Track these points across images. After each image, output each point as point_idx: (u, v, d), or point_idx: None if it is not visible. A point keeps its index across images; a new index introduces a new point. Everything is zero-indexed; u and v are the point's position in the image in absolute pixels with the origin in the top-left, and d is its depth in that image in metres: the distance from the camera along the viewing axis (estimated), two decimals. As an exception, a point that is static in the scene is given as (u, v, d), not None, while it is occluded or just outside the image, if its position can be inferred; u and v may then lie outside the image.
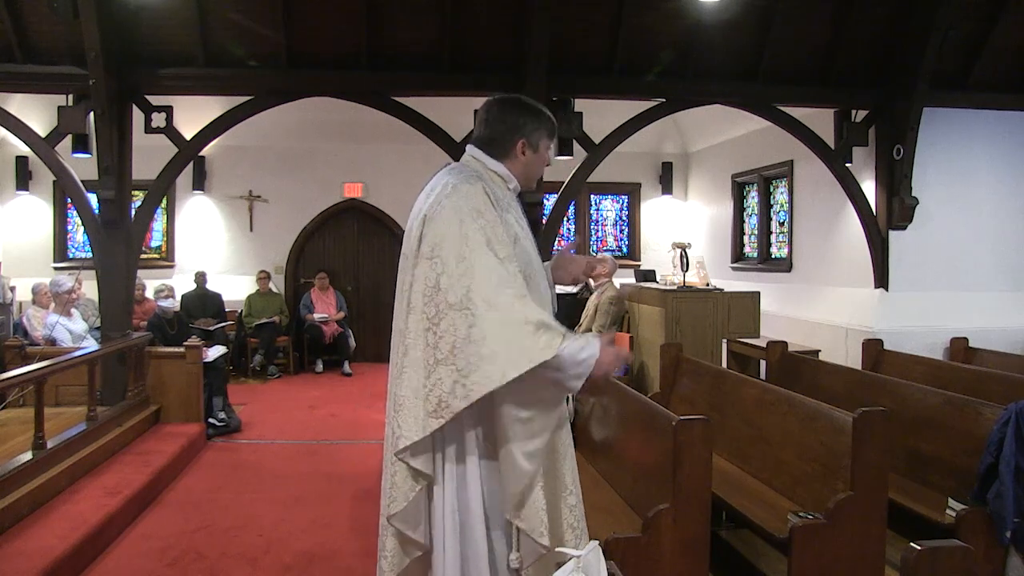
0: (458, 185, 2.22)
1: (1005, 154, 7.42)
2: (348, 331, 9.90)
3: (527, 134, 2.38)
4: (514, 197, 2.42)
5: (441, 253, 2.14)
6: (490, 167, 2.37)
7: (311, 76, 6.69)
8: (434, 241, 2.16)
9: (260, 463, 5.84)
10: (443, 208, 2.18)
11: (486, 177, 2.32)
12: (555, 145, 2.51)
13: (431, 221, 2.19)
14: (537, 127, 2.40)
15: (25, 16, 6.11)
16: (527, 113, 2.40)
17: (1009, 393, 4.23)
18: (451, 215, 2.16)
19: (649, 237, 11.28)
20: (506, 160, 2.39)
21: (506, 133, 2.38)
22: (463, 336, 2.07)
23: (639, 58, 6.83)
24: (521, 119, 2.38)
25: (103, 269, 6.50)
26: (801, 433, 3.58)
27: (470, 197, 2.18)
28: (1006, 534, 3.35)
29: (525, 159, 2.40)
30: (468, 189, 2.20)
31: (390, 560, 2.28)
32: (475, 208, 2.16)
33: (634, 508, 3.47)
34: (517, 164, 2.40)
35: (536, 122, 2.40)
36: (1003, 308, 7.30)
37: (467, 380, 2.07)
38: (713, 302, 6.07)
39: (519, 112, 2.39)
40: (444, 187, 2.24)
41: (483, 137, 2.41)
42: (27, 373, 4.48)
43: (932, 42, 6.52)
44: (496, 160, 2.38)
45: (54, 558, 3.55)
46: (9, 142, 9.19)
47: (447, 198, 2.19)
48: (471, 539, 2.22)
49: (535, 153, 2.41)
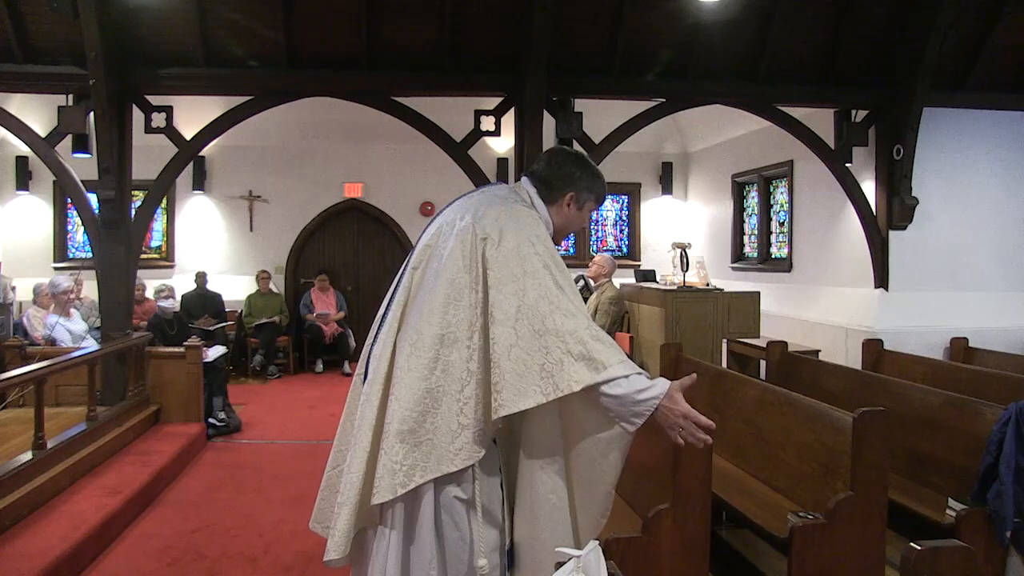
0: (516, 209, 2.26)
1: (1005, 154, 7.42)
2: (348, 331, 9.91)
3: (578, 190, 2.42)
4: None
5: (499, 270, 2.13)
6: (536, 206, 2.41)
7: (311, 76, 6.69)
8: (495, 258, 2.14)
9: (260, 463, 5.84)
10: (506, 229, 2.17)
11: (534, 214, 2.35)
12: (595, 208, 2.54)
13: (488, 240, 2.17)
14: (589, 187, 2.44)
15: (25, 16, 6.11)
16: (586, 171, 2.45)
17: (1009, 393, 4.23)
18: (511, 236, 2.16)
19: (649, 237, 11.28)
20: (551, 206, 2.43)
21: (560, 181, 2.42)
22: (502, 354, 2.06)
23: (639, 58, 6.83)
24: (578, 173, 2.43)
25: (103, 269, 6.50)
26: (801, 433, 3.58)
27: (533, 225, 2.23)
28: (1006, 534, 3.35)
29: (567, 212, 2.44)
30: (528, 216, 2.26)
31: (340, 535, 2.18)
32: (539, 236, 2.20)
33: (634, 508, 3.47)
34: (559, 214, 2.44)
35: (590, 182, 2.44)
36: (1003, 308, 7.30)
37: (498, 397, 2.07)
38: (713, 302, 6.07)
39: (579, 167, 2.44)
40: (497, 206, 2.25)
41: (540, 175, 2.45)
42: (27, 373, 4.48)
43: (932, 42, 6.52)
44: (543, 202, 2.42)
45: (54, 558, 3.55)
46: (9, 142, 9.20)
47: (508, 218, 2.20)
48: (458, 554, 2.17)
49: (578, 211, 2.45)
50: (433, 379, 2.13)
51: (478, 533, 2.17)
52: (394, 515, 2.16)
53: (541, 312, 2.07)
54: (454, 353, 2.14)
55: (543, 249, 2.17)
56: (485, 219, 2.22)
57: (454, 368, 2.14)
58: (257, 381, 9.25)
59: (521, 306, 2.08)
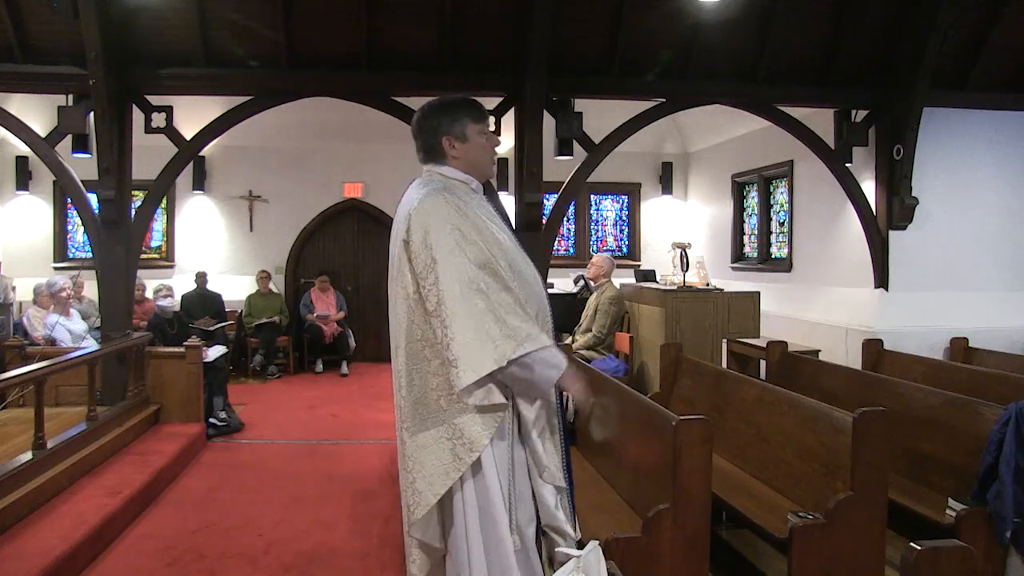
0: (422, 200, 2.31)
1: (1005, 154, 7.42)
2: (348, 331, 9.90)
3: (446, 130, 2.43)
4: (481, 197, 2.47)
5: (418, 266, 2.27)
6: (447, 175, 2.44)
7: (311, 76, 6.69)
8: (414, 255, 2.28)
9: (260, 463, 5.84)
10: (413, 225, 2.29)
11: (450, 186, 2.39)
12: (486, 124, 2.50)
13: (408, 243, 2.30)
14: (453, 119, 2.43)
15: (25, 16, 6.11)
16: (438, 111, 2.45)
17: (1009, 393, 4.23)
18: (418, 230, 2.27)
19: (649, 237, 11.28)
20: (446, 161, 2.45)
21: (431, 138, 2.46)
22: (441, 342, 2.20)
23: (639, 58, 6.83)
24: (434, 120, 2.45)
25: (103, 269, 6.50)
26: (801, 433, 3.59)
27: (436, 209, 2.28)
28: (1006, 534, 3.35)
29: (460, 151, 2.44)
30: (431, 203, 2.29)
31: (418, 564, 2.36)
32: (442, 218, 2.26)
33: (634, 508, 3.47)
34: (457, 161, 2.45)
35: (449, 115, 2.44)
36: (1003, 308, 7.29)
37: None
38: (713, 302, 6.08)
39: (431, 114, 2.46)
40: (411, 203, 2.34)
41: (422, 150, 2.50)
42: (27, 373, 4.48)
43: (932, 42, 6.52)
44: (439, 165, 2.46)
45: (54, 558, 3.55)
46: (9, 142, 9.19)
47: (415, 215, 2.30)
48: (494, 534, 2.24)
49: (465, 142, 2.44)
50: (415, 387, 2.29)
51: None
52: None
53: (455, 295, 2.18)
54: (421, 363, 2.29)
55: (450, 228, 2.24)
56: (400, 223, 2.36)
57: (426, 372, 2.28)
58: (257, 381, 9.24)
59: (441, 296, 2.19)
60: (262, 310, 9.76)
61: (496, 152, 2.54)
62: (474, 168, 2.46)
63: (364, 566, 3.90)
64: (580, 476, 4.09)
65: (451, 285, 2.18)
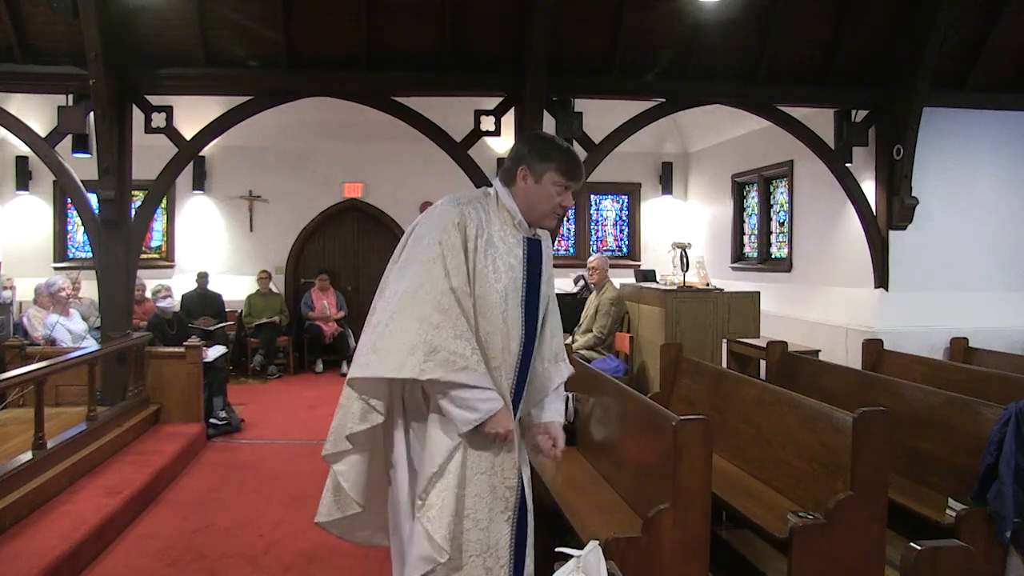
0: (437, 206, 2.41)
1: (1005, 154, 7.42)
2: (348, 331, 9.90)
3: (528, 162, 2.44)
4: (518, 238, 2.45)
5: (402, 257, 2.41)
6: (503, 201, 2.46)
7: (311, 76, 6.69)
8: (402, 248, 2.43)
9: (260, 463, 5.84)
10: (419, 225, 2.43)
11: (490, 205, 2.44)
12: (568, 182, 2.47)
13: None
14: (541, 158, 2.44)
15: (25, 16, 6.11)
16: (534, 143, 2.48)
17: (1009, 393, 4.23)
18: (421, 229, 2.40)
19: (649, 237, 11.28)
20: (511, 188, 2.46)
21: (512, 161, 2.48)
22: (383, 322, 2.31)
23: (639, 58, 6.83)
24: (526, 148, 2.47)
25: (103, 269, 6.49)
26: (801, 433, 3.58)
27: (442, 216, 2.36)
28: (1006, 534, 3.35)
29: (526, 187, 2.44)
30: (442, 210, 2.37)
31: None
32: (441, 227, 2.33)
33: (634, 508, 3.47)
34: (519, 193, 2.46)
35: (541, 152, 2.44)
36: (1003, 308, 7.29)
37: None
38: (713, 302, 6.07)
39: (528, 143, 2.49)
40: (445, 202, 2.43)
41: (504, 167, 2.52)
42: (27, 373, 4.48)
43: (932, 42, 6.52)
44: (505, 188, 2.47)
45: (54, 558, 3.55)
46: (9, 142, 9.20)
47: (427, 216, 2.42)
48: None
49: (536, 183, 2.43)
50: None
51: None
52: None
53: (411, 297, 2.28)
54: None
55: (436, 239, 2.32)
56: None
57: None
58: (257, 381, 9.25)
59: (404, 289, 2.29)
60: (262, 310, 9.76)
61: (562, 211, 2.50)
62: (530, 209, 2.46)
63: (364, 566, 3.91)
64: (580, 476, 4.09)
65: (417, 290, 2.28)
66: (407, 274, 2.31)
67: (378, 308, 2.40)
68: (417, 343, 2.20)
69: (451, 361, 2.21)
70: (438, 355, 2.20)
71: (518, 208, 2.44)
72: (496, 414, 2.29)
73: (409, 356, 2.20)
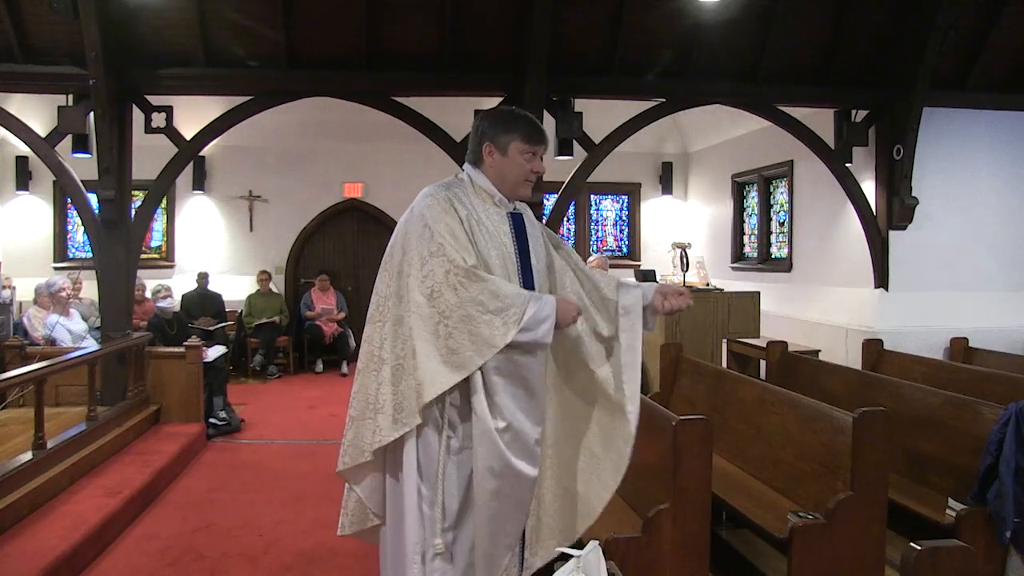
0: (420, 200, 2.44)
1: (1005, 154, 7.42)
2: (348, 331, 9.90)
3: (491, 138, 2.46)
4: (501, 215, 2.47)
5: (393, 261, 2.48)
6: (477, 182, 2.48)
7: (311, 76, 6.69)
8: (393, 249, 2.48)
9: (260, 463, 5.84)
10: (403, 221, 2.47)
11: (467, 189, 2.46)
12: (535, 147, 2.49)
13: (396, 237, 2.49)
14: (503, 130, 2.46)
15: (25, 16, 6.11)
16: (492, 118, 2.50)
17: (1009, 393, 4.23)
18: (403, 226, 2.45)
19: (649, 237, 11.28)
20: (481, 166, 2.49)
21: (474, 142, 2.51)
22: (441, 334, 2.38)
23: (639, 58, 6.83)
24: (486, 123, 2.49)
25: (103, 269, 6.49)
26: (801, 433, 3.58)
27: (431, 208, 2.39)
28: (1006, 534, 3.35)
29: (495, 162, 2.47)
30: (430, 202, 2.40)
31: (351, 517, 2.57)
32: (433, 217, 2.36)
33: (634, 508, 3.47)
34: (489, 169, 2.48)
35: (501, 125, 2.47)
36: (1003, 308, 7.29)
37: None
38: (713, 302, 6.07)
39: (485, 118, 2.52)
40: (427, 191, 2.48)
41: (469, 150, 2.54)
42: (27, 373, 4.48)
43: (932, 42, 6.52)
44: (476, 169, 2.50)
45: (54, 558, 3.55)
46: (9, 142, 9.19)
47: (413, 212, 2.45)
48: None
49: (504, 156, 2.46)
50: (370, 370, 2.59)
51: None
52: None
53: (415, 288, 2.37)
54: (375, 334, 2.58)
55: (422, 220, 2.36)
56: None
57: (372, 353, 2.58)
58: (257, 381, 9.24)
59: (406, 292, 2.41)
60: (262, 310, 9.76)
61: (534, 176, 2.51)
62: (503, 183, 2.48)
63: (364, 566, 3.90)
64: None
65: (414, 284, 2.39)
66: (425, 272, 2.36)
67: (411, 323, 2.44)
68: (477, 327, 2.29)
69: (510, 312, 2.27)
70: (508, 313, 2.27)
71: (492, 184, 2.47)
72: (557, 309, 2.33)
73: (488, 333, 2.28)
